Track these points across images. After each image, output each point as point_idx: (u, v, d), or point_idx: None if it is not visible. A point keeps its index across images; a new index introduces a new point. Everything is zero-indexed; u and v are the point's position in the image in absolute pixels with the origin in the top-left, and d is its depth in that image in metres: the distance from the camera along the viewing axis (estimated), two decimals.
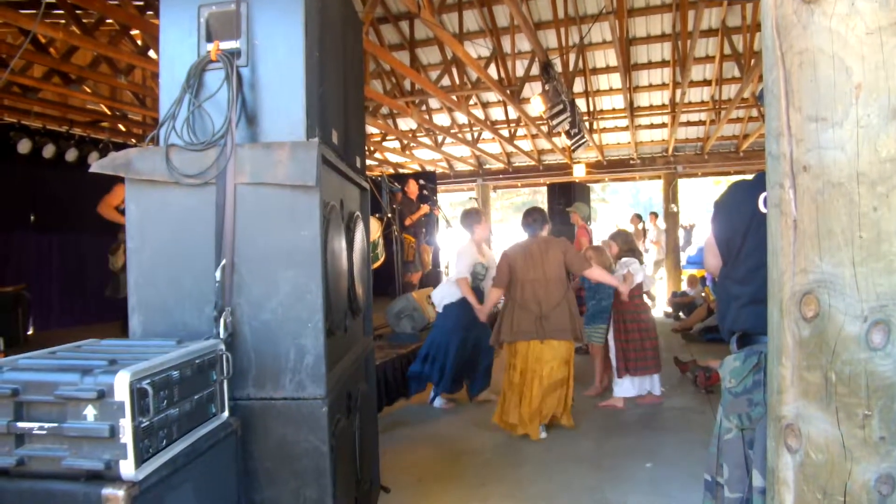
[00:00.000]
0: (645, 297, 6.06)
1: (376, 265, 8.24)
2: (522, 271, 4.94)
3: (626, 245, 5.91)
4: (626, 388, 5.63)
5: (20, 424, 1.56)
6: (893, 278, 1.17)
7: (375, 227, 8.38)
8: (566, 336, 4.88)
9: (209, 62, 2.32)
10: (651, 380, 5.71)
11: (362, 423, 3.00)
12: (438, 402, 5.82)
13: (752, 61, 8.38)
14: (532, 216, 5.19)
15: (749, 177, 2.26)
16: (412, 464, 4.34)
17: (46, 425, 1.56)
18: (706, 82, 11.37)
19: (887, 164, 1.17)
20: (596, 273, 5.14)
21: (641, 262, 5.86)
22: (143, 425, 1.58)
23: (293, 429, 2.26)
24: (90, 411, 1.53)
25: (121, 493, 1.50)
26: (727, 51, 9.56)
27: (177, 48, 2.40)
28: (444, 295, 5.75)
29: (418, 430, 5.22)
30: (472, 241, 5.71)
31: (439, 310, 5.78)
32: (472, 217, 5.76)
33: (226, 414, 2.09)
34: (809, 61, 1.24)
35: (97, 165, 2.35)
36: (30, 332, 7.87)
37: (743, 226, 2.10)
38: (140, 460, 1.56)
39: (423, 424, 5.35)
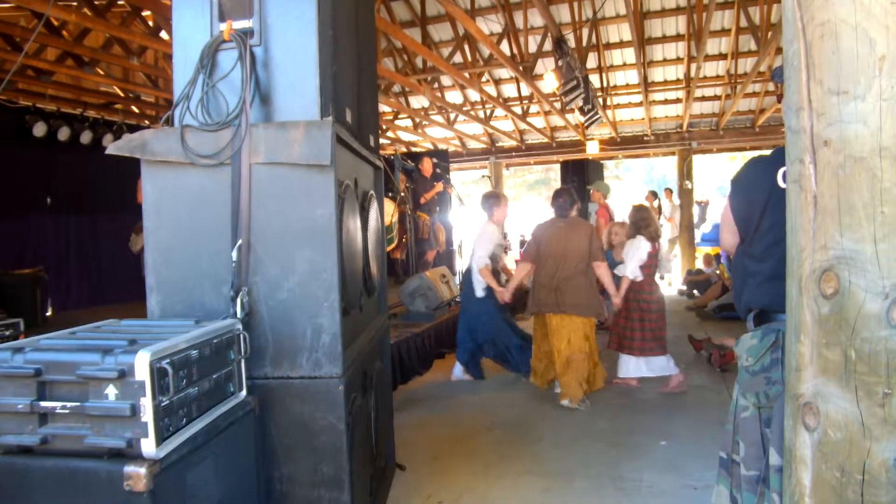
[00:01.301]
0: (657, 277, 5.96)
1: (389, 248, 8.25)
2: (547, 246, 5.28)
3: (633, 227, 5.68)
4: (631, 367, 5.57)
5: (43, 404, 1.60)
6: None
7: (390, 210, 8.37)
8: (579, 311, 5.14)
9: (222, 42, 2.31)
10: (647, 361, 5.53)
11: (378, 401, 3.02)
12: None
13: (769, 34, 8.24)
14: (561, 198, 5.42)
15: (767, 152, 2.23)
16: (428, 441, 4.37)
17: (69, 404, 1.59)
18: (722, 56, 11.20)
19: None
20: (602, 271, 5.27)
21: (652, 239, 5.67)
22: (163, 404, 1.60)
23: (310, 407, 2.28)
24: (111, 390, 1.55)
25: (142, 470, 1.53)
26: (743, 23, 9.41)
27: (190, 28, 2.39)
28: (479, 282, 5.78)
29: (433, 407, 5.25)
30: (490, 224, 5.82)
31: (480, 294, 5.77)
32: (492, 199, 5.90)
33: (244, 393, 2.12)
34: (831, 33, 1.21)
35: (113, 147, 2.35)
36: (48, 314, 7.98)
37: (761, 202, 2.08)
38: (161, 438, 1.58)
39: (439, 402, 5.38)
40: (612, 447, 4.16)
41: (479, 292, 5.73)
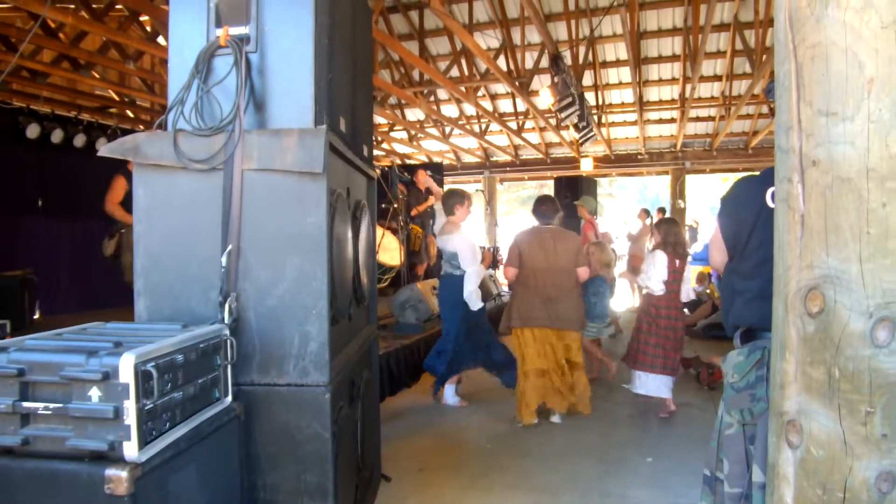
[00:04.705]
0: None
1: (381, 286, 8.20)
2: (532, 259, 5.00)
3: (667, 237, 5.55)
4: (636, 383, 5.40)
5: (25, 404, 1.58)
6: None
7: (395, 247, 8.30)
8: (573, 326, 5.02)
9: (218, 47, 2.32)
10: (646, 378, 5.38)
11: (365, 411, 3.01)
12: (454, 400, 5.67)
13: (764, 57, 8.33)
14: (544, 205, 5.19)
15: (757, 172, 2.25)
16: (414, 453, 4.35)
17: (52, 405, 1.57)
18: (717, 77, 11.30)
19: None
20: (582, 272, 5.09)
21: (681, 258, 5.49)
22: (146, 407, 1.59)
23: (296, 415, 2.27)
24: (95, 392, 1.54)
25: (124, 473, 1.51)
26: (739, 46, 9.50)
27: (186, 33, 2.40)
28: (478, 294, 5.46)
29: (421, 419, 5.23)
30: (462, 236, 5.38)
31: (479, 305, 5.45)
32: (456, 197, 5.47)
33: (229, 399, 2.10)
34: (822, 55, 1.23)
35: (106, 149, 2.35)
36: (36, 316, 7.91)
37: (750, 220, 2.10)
38: (143, 442, 1.57)
39: (426, 414, 5.36)
40: (598, 463, 4.15)
41: (478, 304, 5.42)
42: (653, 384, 5.27)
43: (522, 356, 5.08)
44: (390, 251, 8.50)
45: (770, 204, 1.98)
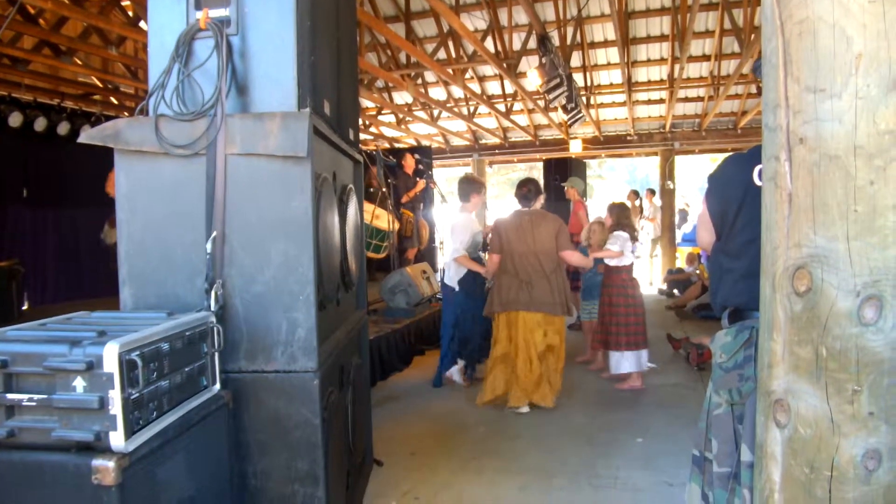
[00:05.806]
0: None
1: (381, 255, 8.13)
2: (511, 242, 4.96)
3: (620, 219, 5.82)
4: (623, 364, 5.53)
5: (9, 396, 1.56)
6: (887, 253, 1.16)
7: (385, 218, 8.25)
8: (549, 310, 4.88)
9: (198, 30, 2.28)
10: (638, 355, 5.58)
11: (355, 396, 3.00)
12: (458, 377, 5.76)
13: (753, 36, 8.30)
14: (526, 187, 5.13)
15: (744, 151, 2.24)
16: (406, 437, 4.36)
17: (36, 397, 1.55)
18: (705, 57, 11.27)
19: (885, 136, 1.15)
20: (568, 256, 5.01)
21: (634, 239, 5.76)
22: (132, 397, 1.57)
23: (285, 401, 2.26)
24: (79, 383, 1.52)
25: (111, 464, 1.50)
26: (727, 25, 9.46)
27: (166, 16, 2.36)
28: (455, 273, 5.57)
29: (412, 404, 5.24)
30: (466, 214, 5.61)
31: (456, 287, 5.57)
32: (474, 185, 5.65)
33: (217, 386, 2.09)
34: (809, 30, 1.21)
35: (86, 136, 2.31)
36: (24, 307, 7.86)
37: (737, 199, 2.08)
38: (130, 432, 1.55)
39: (418, 399, 5.37)
40: (589, 444, 4.17)
41: (454, 284, 5.54)
42: (631, 360, 5.49)
43: (495, 341, 5.12)
44: (383, 218, 8.45)
45: (757, 182, 1.97)
